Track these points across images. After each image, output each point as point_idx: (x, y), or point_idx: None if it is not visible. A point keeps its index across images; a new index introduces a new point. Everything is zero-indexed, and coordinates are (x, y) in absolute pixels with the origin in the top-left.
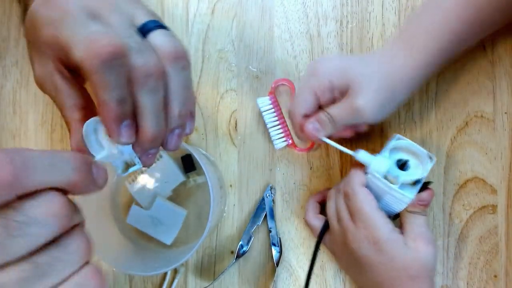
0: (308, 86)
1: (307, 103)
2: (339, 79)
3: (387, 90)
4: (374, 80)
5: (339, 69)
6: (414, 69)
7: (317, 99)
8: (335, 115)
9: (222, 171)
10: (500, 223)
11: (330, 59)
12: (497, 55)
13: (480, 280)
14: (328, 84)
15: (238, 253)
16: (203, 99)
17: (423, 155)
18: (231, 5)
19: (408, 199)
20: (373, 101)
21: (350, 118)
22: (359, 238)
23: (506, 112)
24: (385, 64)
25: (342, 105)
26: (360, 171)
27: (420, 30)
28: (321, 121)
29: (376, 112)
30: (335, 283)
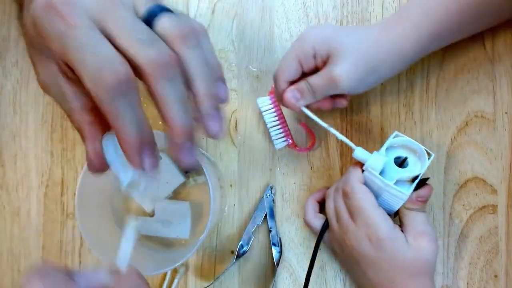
0: (292, 52)
1: (290, 70)
2: (322, 46)
3: (367, 61)
4: (355, 50)
5: (324, 37)
6: (403, 45)
7: (300, 66)
8: (313, 83)
9: (222, 171)
10: (500, 223)
11: (319, 27)
12: (497, 55)
13: (480, 280)
14: (311, 51)
15: (238, 253)
16: None
17: (421, 152)
18: (231, 5)
19: (405, 196)
20: (351, 70)
21: (327, 87)
22: (359, 236)
23: (507, 112)
24: (373, 35)
25: (321, 73)
26: (358, 168)
27: (415, 9)
28: (301, 89)
29: (353, 82)
30: (335, 283)
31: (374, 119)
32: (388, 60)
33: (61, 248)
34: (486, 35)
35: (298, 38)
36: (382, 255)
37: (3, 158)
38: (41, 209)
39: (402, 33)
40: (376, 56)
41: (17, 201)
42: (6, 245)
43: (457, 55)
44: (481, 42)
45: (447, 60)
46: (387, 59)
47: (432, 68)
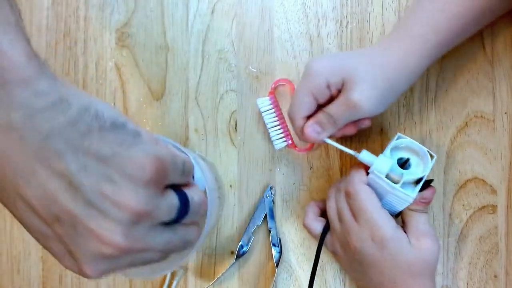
0: (304, 87)
1: (305, 105)
2: (334, 76)
3: (383, 80)
4: (368, 72)
5: (333, 66)
6: (410, 58)
7: (315, 100)
8: (333, 113)
9: (222, 171)
10: (500, 223)
11: (324, 58)
12: (496, 56)
13: (480, 280)
14: (323, 83)
15: (238, 253)
16: (203, 100)
17: (424, 153)
18: (231, 5)
19: (411, 198)
20: (369, 93)
21: (348, 114)
22: (362, 237)
23: (506, 112)
24: (380, 55)
25: (339, 101)
26: (361, 170)
27: (417, 20)
28: (321, 122)
29: (374, 104)
30: (335, 283)
31: (373, 119)
32: (400, 76)
33: None
34: (485, 36)
35: (307, 73)
36: (385, 255)
37: None
38: None
39: (408, 49)
40: (387, 74)
41: None
42: (5, 246)
43: (457, 56)
44: (480, 43)
45: (446, 61)
46: (399, 76)
47: (432, 68)
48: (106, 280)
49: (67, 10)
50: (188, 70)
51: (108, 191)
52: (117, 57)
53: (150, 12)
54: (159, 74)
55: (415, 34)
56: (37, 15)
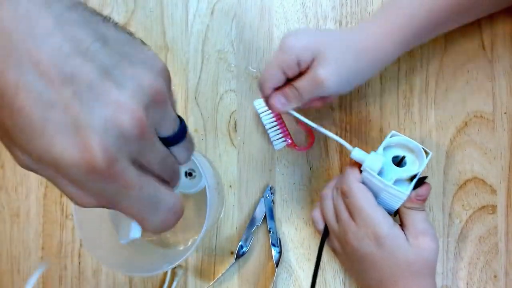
0: (275, 61)
1: (274, 78)
2: (305, 53)
3: (353, 61)
4: (338, 51)
5: (306, 43)
6: (385, 43)
7: (284, 74)
8: (299, 87)
9: (222, 171)
10: (499, 223)
11: (298, 34)
12: (496, 55)
13: (480, 280)
14: (294, 59)
15: (238, 253)
16: (203, 100)
17: (419, 150)
18: (230, 5)
19: (404, 195)
20: (336, 71)
21: (313, 89)
22: (360, 235)
23: (506, 112)
24: (355, 36)
25: (306, 77)
26: (356, 168)
27: (396, 8)
28: (286, 94)
29: (338, 83)
30: (335, 283)
31: (373, 119)
32: (372, 60)
33: (61, 249)
34: (485, 36)
35: (280, 48)
36: (383, 253)
37: (2, 159)
38: (41, 210)
39: (384, 34)
40: (360, 58)
41: (16, 202)
42: (5, 246)
43: (456, 55)
44: (480, 42)
45: (446, 61)
46: (371, 60)
47: (431, 68)
48: (106, 281)
49: None
50: (188, 70)
51: (127, 67)
52: None
53: (149, 12)
54: None
55: (393, 21)
56: None
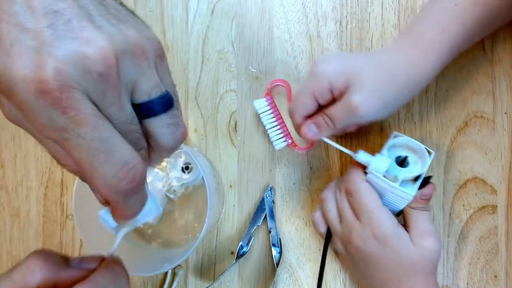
0: (307, 88)
1: (305, 105)
2: (338, 79)
3: (390, 86)
4: (374, 77)
5: (339, 69)
6: (423, 66)
7: (316, 101)
8: (332, 116)
9: (222, 171)
10: (500, 223)
11: (330, 59)
12: (496, 55)
13: (480, 280)
14: (327, 85)
15: (238, 253)
16: (203, 100)
17: (422, 150)
18: (230, 6)
19: (410, 196)
20: (371, 98)
21: (347, 118)
22: (364, 235)
23: (506, 112)
24: (389, 59)
25: (339, 104)
26: (360, 168)
27: (430, 26)
28: (319, 124)
29: (375, 110)
30: (335, 284)
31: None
32: (410, 83)
33: (61, 249)
34: (485, 37)
35: (312, 74)
36: (387, 253)
37: (2, 159)
38: (41, 210)
39: (421, 54)
40: (394, 83)
41: (16, 202)
42: (5, 246)
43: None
44: (480, 42)
45: None
46: (409, 83)
47: None
48: None
49: None
50: (188, 71)
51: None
52: None
53: (149, 12)
54: None
55: (429, 39)
56: None
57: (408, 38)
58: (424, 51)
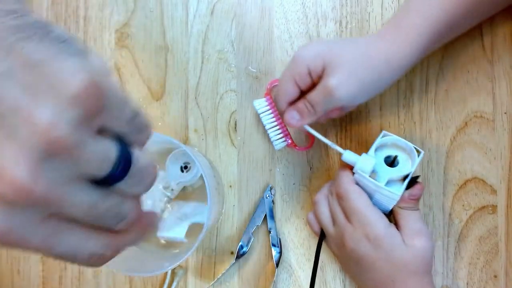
0: (287, 74)
1: (287, 92)
2: (315, 62)
3: (368, 70)
4: (351, 59)
5: (317, 52)
6: (402, 49)
7: (297, 86)
8: (311, 100)
9: (222, 171)
10: (500, 223)
11: (312, 45)
12: (496, 55)
13: (480, 280)
14: (305, 69)
15: (238, 253)
16: (203, 100)
17: (411, 149)
18: (230, 6)
19: (396, 196)
20: (348, 80)
21: (326, 101)
22: (357, 237)
23: (506, 112)
24: (370, 44)
25: (318, 88)
26: (348, 170)
27: (412, 11)
28: (300, 109)
29: (351, 92)
30: (335, 284)
31: (373, 120)
32: (389, 68)
33: None
34: (485, 36)
35: (292, 59)
36: (380, 254)
37: None
38: None
39: (401, 40)
40: (376, 65)
41: None
42: None
43: (456, 55)
44: (480, 42)
45: (446, 61)
46: (388, 68)
47: (431, 68)
48: (106, 281)
49: (66, 10)
50: (188, 71)
51: (23, 103)
52: (117, 57)
53: (149, 12)
54: (159, 74)
55: (410, 25)
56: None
57: (389, 25)
58: (404, 37)
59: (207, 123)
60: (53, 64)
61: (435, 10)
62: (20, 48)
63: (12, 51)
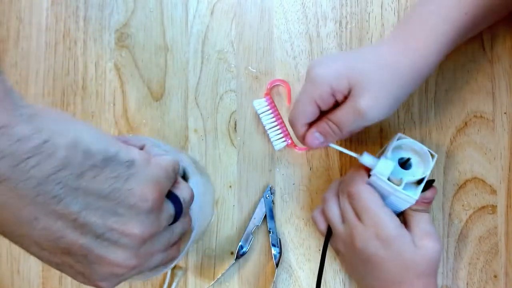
0: (307, 95)
1: (307, 113)
2: (340, 82)
3: (394, 82)
4: (377, 75)
5: (339, 72)
6: (425, 56)
7: (318, 107)
8: (338, 122)
9: (222, 171)
10: (499, 223)
11: (328, 62)
12: (496, 55)
13: (480, 280)
14: (328, 90)
15: (238, 254)
16: (203, 100)
17: (425, 153)
18: (230, 6)
19: (412, 200)
20: (379, 99)
21: (355, 123)
22: (367, 236)
23: (506, 112)
24: (388, 54)
25: (345, 109)
26: (363, 171)
27: (430, 15)
28: (325, 131)
29: (384, 110)
30: (335, 283)
31: None
32: (412, 78)
33: None
34: (485, 36)
35: (311, 79)
36: (390, 254)
37: None
38: None
39: (422, 44)
40: (399, 78)
41: None
42: (5, 246)
43: (456, 55)
44: (480, 42)
45: (446, 61)
46: (411, 78)
47: None
48: None
49: (66, 10)
50: (188, 71)
51: (115, 224)
52: (117, 57)
53: (149, 12)
54: (159, 74)
55: (429, 29)
56: (36, 16)
57: (407, 29)
58: (425, 41)
59: (207, 123)
60: (122, 190)
61: (455, 12)
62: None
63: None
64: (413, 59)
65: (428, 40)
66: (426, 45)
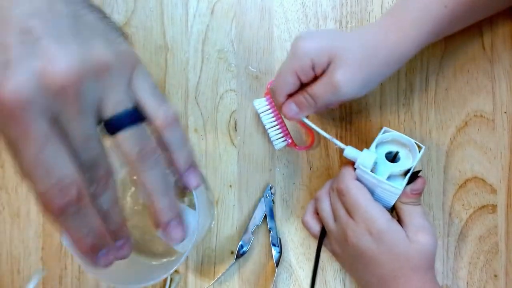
0: (289, 67)
1: (287, 84)
2: (320, 56)
3: (372, 64)
4: (356, 54)
5: (321, 46)
6: (404, 46)
7: (298, 79)
8: (313, 94)
9: (222, 171)
10: (500, 222)
11: (313, 36)
12: (496, 55)
13: (480, 279)
14: (308, 63)
15: (238, 253)
16: (203, 100)
17: (412, 145)
18: (230, 5)
19: (398, 190)
20: (354, 75)
21: (329, 95)
22: (359, 232)
23: (506, 112)
24: (371, 37)
25: (321, 82)
26: (350, 167)
27: (412, 6)
28: (299, 102)
29: (356, 86)
30: (335, 283)
31: (373, 119)
32: (389, 61)
33: (61, 249)
34: (485, 35)
35: (294, 52)
36: (383, 248)
37: (2, 159)
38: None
39: (402, 35)
40: (376, 60)
41: (16, 202)
42: (5, 246)
43: (456, 55)
44: (480, 42)
45: (446, 60)
46: (388, 61)
47: (432, 68)
48: None
49: None
50: (188, 70)
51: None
52: None
53: (149, 12)
54: (159, 74)
55: (410, 18)
56: None
57: (390, 17)
58: (405, 29)
59: (207, 122)
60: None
61: (436, 4)
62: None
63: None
64: (391, 46)
65: (407, 31)
66: (405, 36)
